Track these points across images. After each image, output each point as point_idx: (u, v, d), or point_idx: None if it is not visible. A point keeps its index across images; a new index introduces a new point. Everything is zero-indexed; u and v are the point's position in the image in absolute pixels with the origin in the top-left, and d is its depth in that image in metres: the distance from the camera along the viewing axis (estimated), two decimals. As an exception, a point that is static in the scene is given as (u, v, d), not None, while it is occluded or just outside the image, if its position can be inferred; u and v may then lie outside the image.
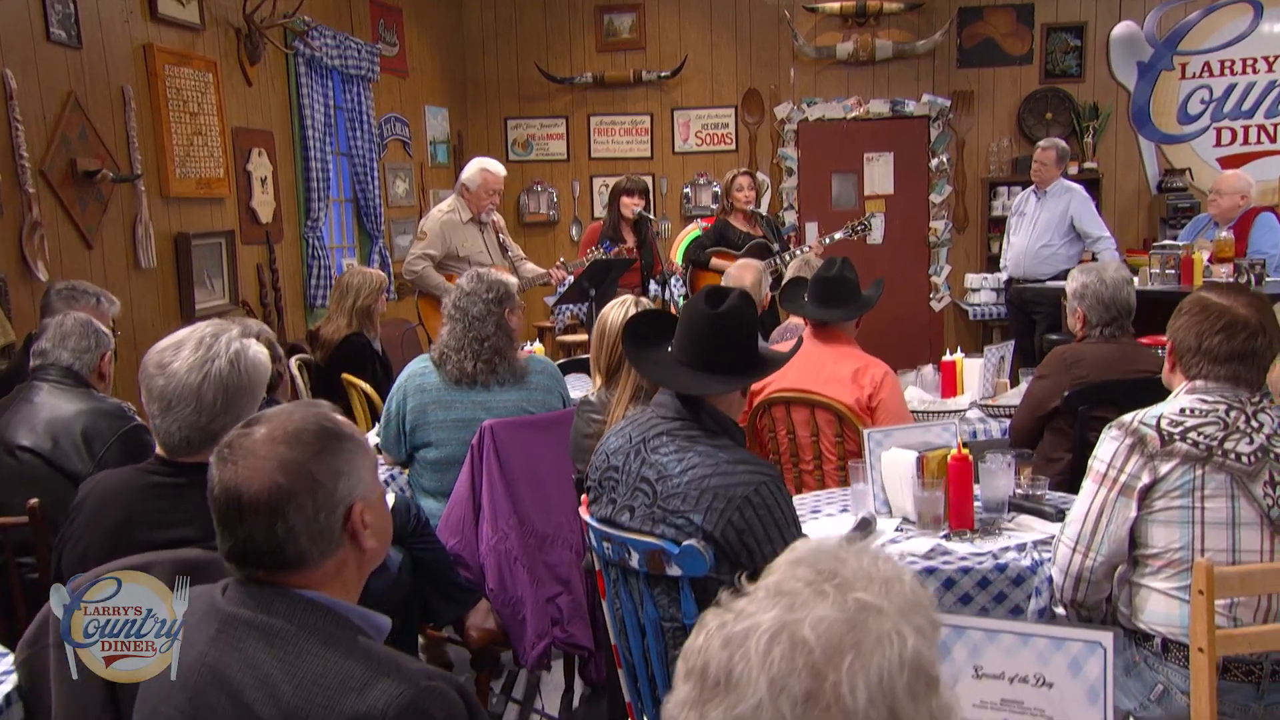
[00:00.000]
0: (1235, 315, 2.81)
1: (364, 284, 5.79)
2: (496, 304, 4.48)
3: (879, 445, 3.51)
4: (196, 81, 6.19)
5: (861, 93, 10.21)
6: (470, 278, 4.45)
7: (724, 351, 2.75)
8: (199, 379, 2.56)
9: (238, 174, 6.66)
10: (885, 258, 10.28)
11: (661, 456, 2.73)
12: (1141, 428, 2.80)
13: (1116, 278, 4.39)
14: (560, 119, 10.57)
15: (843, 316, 4.44)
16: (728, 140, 10.39)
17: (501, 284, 4.50)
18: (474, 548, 4.18)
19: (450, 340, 4.40)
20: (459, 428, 4.34)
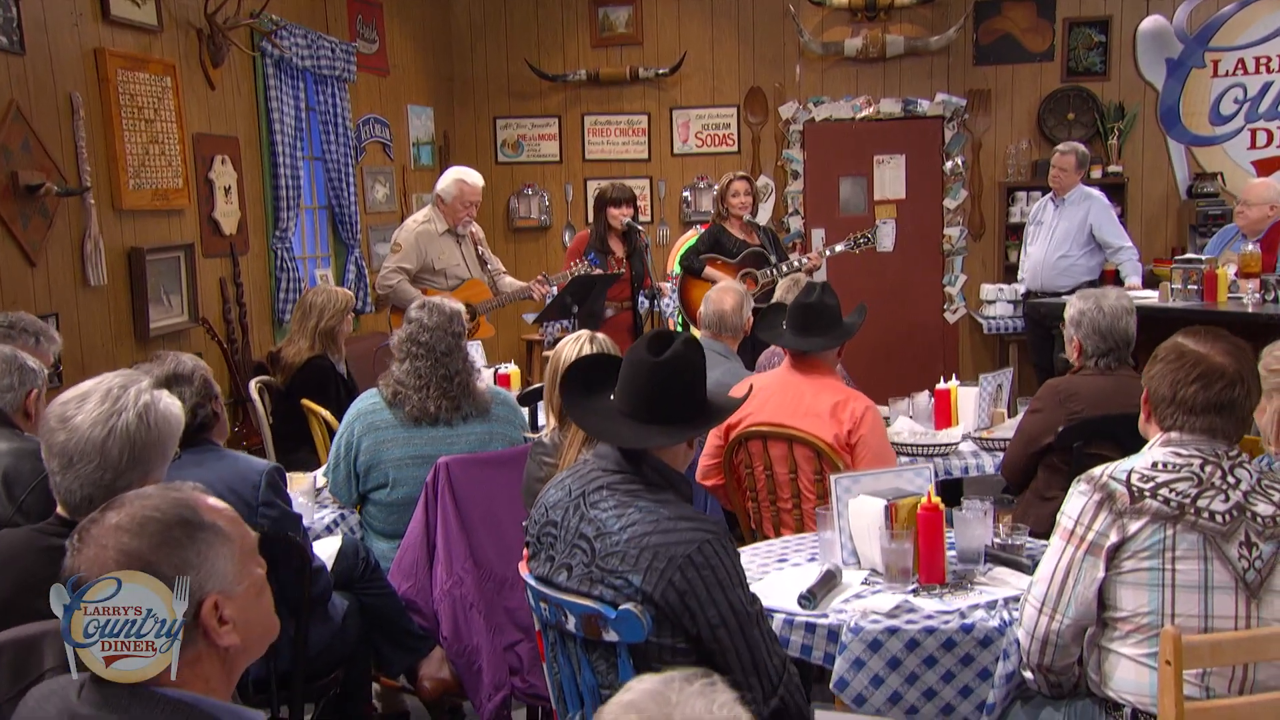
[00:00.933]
0: (1212, 364, 2.80)
1: (328, 304, 5.80)
2: (459, 336, 4.50)
3: (847, 491, 3.50)
4: (153, 86, 6.22)
5: (871, 91, 10.20)
6: (429, 310, 4.46)
7: (666, 401, 2.74)
8: (103, 434, 2.56)
9: (198, 183, 6.68)
10: (896, 266, 10.27)
11: (601, 512, 2.73)
12: (1110, 483, 2.78)
13: (1116, 306, 4.38)
14: (552, 118, 10.58)
15: (823, 346, 4.44)
16: (729, 141, 10.38)
17: (459, 312, 4.53)
18: (428, 593, 4.19)
19: (409, 379, 4.40)
20: (418, 465, 4.35)
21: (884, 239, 10.26)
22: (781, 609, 3.21)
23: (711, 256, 7.74)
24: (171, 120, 6.38)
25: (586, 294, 6.82)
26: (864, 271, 10.09)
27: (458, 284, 7.12)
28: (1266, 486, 2.77)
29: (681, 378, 2.75)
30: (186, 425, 3.46)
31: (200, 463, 3.46)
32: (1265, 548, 2.70)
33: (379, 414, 4.41)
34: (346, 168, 8.32)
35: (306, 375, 5.71)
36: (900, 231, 10.29)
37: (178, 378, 3.51)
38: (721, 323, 5.23)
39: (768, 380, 4.58)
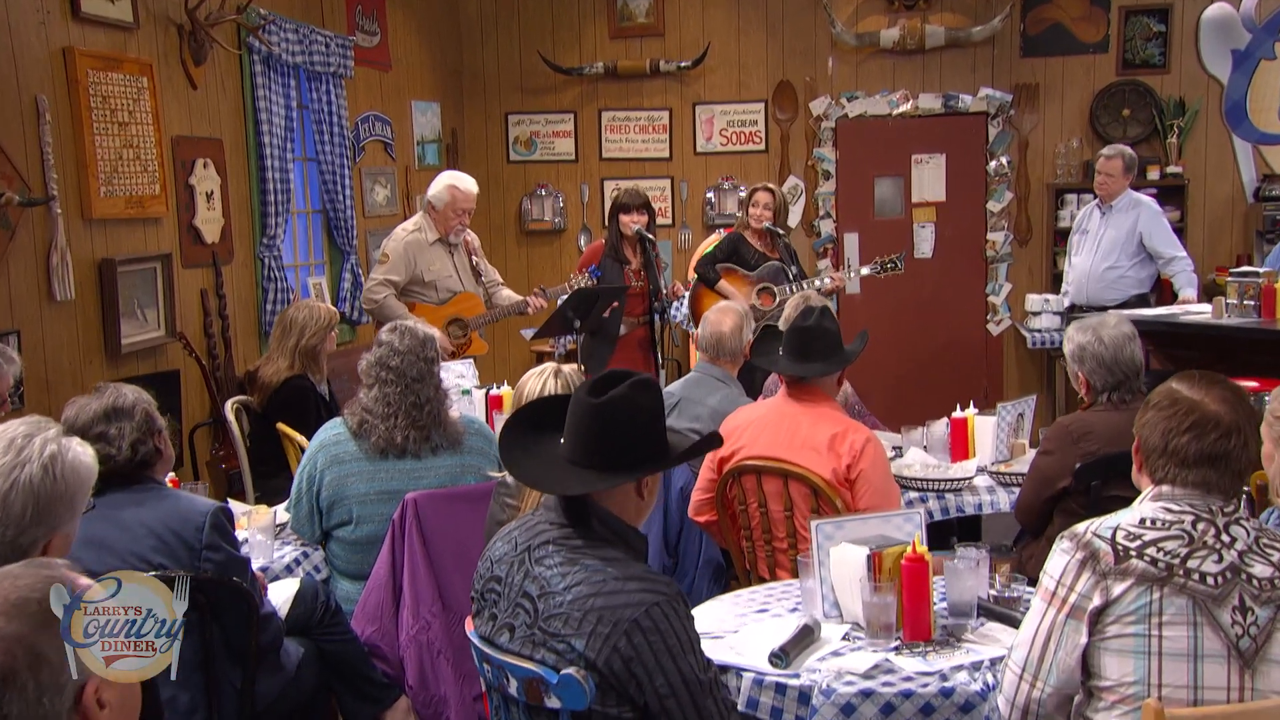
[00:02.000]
0: (1206, 412, 2.77)
1: (309, 321, 5.82)
2: (433, 361, 4.52)
3: (828, 539, 3.49)
4: (128, 87, 6.28)
5: (909, 86, 10.16)
6: (400, 333, 4.48)
7: (604, 446, 2.74)
8: (5, 487, 2.59)
9: (178, 189, 6.73)
10: (935, 274, 10.23)
11: (545, 569, 2.73)
12: (1094, 540, 2.76)
13: (1116, 335, 4.36)
14: (568, 114, 10.61)
15: (821, 371, 4.42)
16: (756, 139, 10.37)
17: (431, 336, 4.55)
18: (393, 638, 4.21)
19: (377, 407, 4.42)
20: (384, 501, 4.36)
21: (922, 244, 10.23)
22: (751, 667, 3.20)
23: (728, 267, 7.74)
24: (148, 123, 6.44)
25: (589, 308, 6.83)
26: (899, 279, 9.96)
27: (449, 297, 7.14)
28: (1265, 545, 2.73)
29: (623, 421, 2.74)
30: (126, 461, 3.52)
31: (140, 502, 3.49)
32: (1261, 613, 2.67)
33: (343, 445, 4.43)
34: (342, 169, 8.37)
35: (285, 397, 5.74)
36: (939, 237, 10.25)
37: (117, 411, 3.54)
38: (719, 346, 5.22)
39: (762, 410, 4.58)
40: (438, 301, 7.14)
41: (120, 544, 3.37)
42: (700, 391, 5.24)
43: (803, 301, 5.64)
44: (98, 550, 3.35)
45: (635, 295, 7.44)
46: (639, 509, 2.85)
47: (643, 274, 7.45)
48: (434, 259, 7.14)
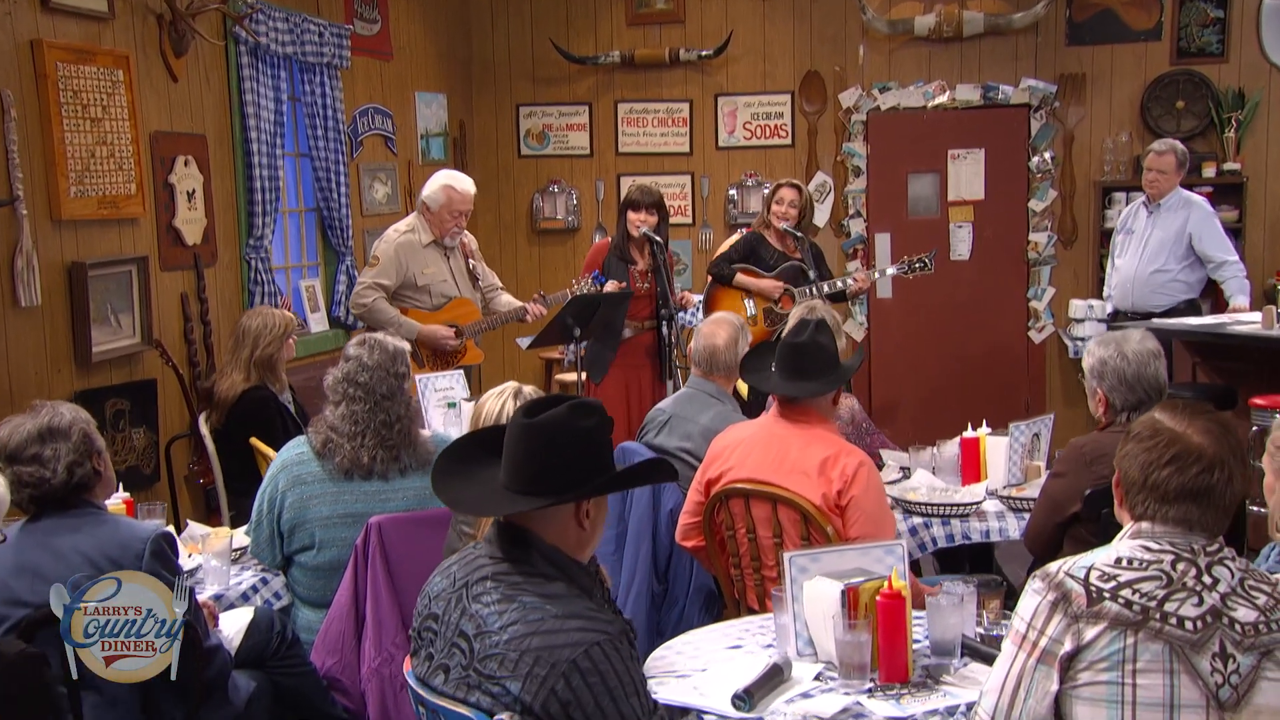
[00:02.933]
0: (1188, 444, 2.75)
1: (264, 328, 5.86)
2: (403, 377, 4.55)
3: (803, 572, 3.48)
4: (102, 81, 6.33)
5: (946, 76, 10.12)
6: (369, 347, 4.50)
7: (539, 469, 2.75)
8: None
9: (156, 188, 6.79)
10: (973, 277, 10.18)
11: (483, 606, 2.74)
12: (1067, 580, 2.74)
13: (1140, 350, 4.35)
14: (582, 106, 10.63)
15: (814, 391, 4.42)
16: (783, 133, 10.36)
17: (403, 352, 4.57)
18: (354, 670, 4.23)
19: (343, 425, 4.44)
20: (348, 524, 4.39)
21: (959, 246, 10.19)
22: (713, 710, 3.20)
23: (745, 266, 7.74)
24: (123, 118, 6.49)
25: (590, 315, 6.84)
26: (934, 283, 9.98)
27: (444, 302, 7.17)
28: (1250, 588, 2.71)
29: (558, 444, 2.75)
30: (62, 485, 3.55)
31: (77, 528, 3.52)
32: (1244, 660, 2.65)
33: (306, 465, 4.45)
34: (338, 165, 8.42)
35: (244, 410, 5.78)
36: (977, 237, 10.21)
37: (52, 432, 3.57)
38: (713, 361, 5.22)
39: (752, 430, 4.58)
40: (431, 307, 7.17)
41: (54, 572, 3.39)
42: (692, 408, 5.24)
43: (806, 312, 5.64)
44: (31, 579, 3.38)
45: (641, 297, 7.45)
46: (581, 540, 2.86)
47: (650, 276, 7.45)
48: (428, 262, 7.17)
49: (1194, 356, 7.73)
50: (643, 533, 5.04)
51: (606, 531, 5.19)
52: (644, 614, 4.99)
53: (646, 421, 5.40)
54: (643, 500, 5.03)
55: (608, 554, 5.24)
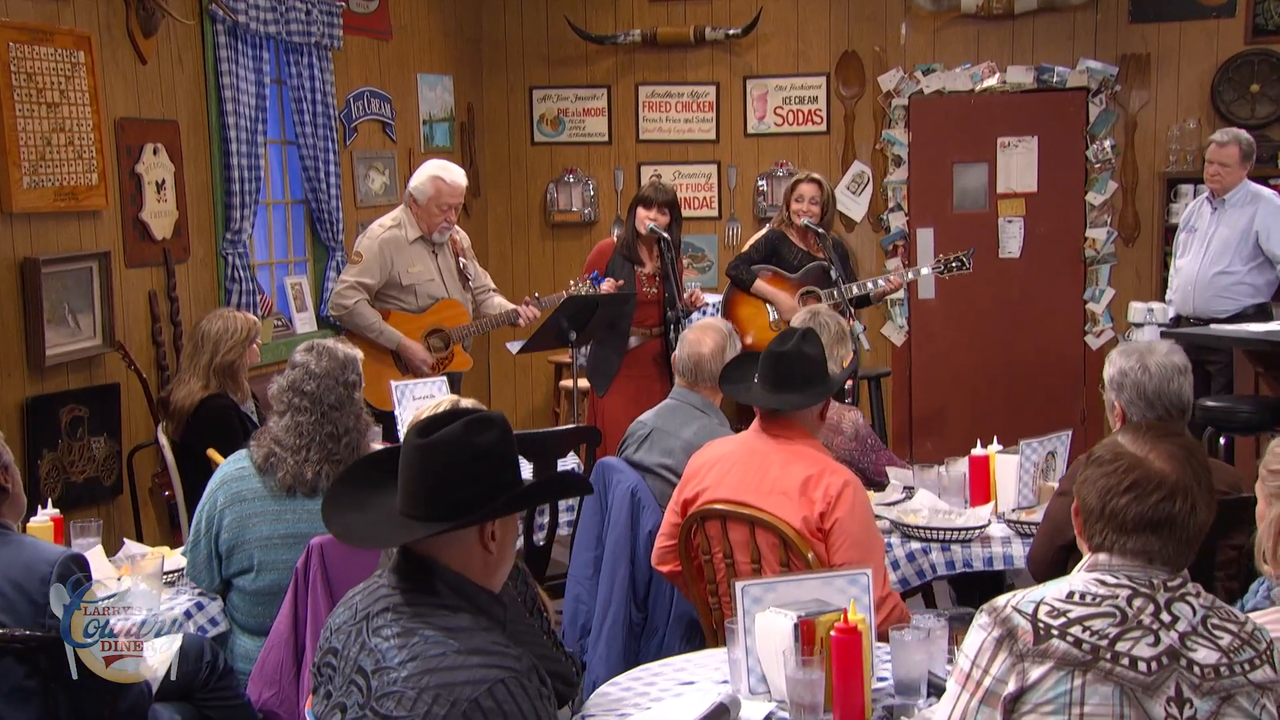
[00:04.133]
0: (1149, 470, 2.74)
1: (225, 333, 5.89)
2: (354, 386, 4.59)
3: (756, 603, 3.48)
4: (60, 63, 6.40)
5: (996, 57, 10.07)
6: (317, 353, 4.54)
7: (433, 492, 2.75)
8: None
9: (121, 178, 6.84)
10: (1024, 277, 10.14)
11: (382, 640, 2.74)
12: (1013, 616, 2.74)
13: (1165, 364, 4.34)
14: (600, 89, 10.67)
15: (798, 404, 4.42)
16: (817, 119, 10.36)
17: (354, 360, 4.60)
18: (293, 703, 4.25)
19: (288, 438, 4.48)
20: (289, 545, 4.42)
21: (1009, 242, 10.15)
22: (647, 756, 3.22)
23: (766, 269, 7.75)
24: (84, 103, 6.55)
25: (587, 318, 6.86)
26: (981, 283, 9.96)
27: (430, 303, 7.21)
28: (1213, 627, 2.70)
29: (453, 463, 2.76)
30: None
31: (-20, 549, 3.57)
32: (1202, 705, 2.63)
33: (246, 481, 4.49)
34: (327, 153, 8.46)
35: (202, 420, 5.81)
36: (1029, 233, 10.17)
37: (-45, 444, 3.62)
38: (698, 370, 5.22)
39: (731, 446, 4.58)
40: (417, 309, 7.21)
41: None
42: (675, 421, 5.24)
43: (808, 317, 5.65)
44: (-70, 603, 3.43)
45: (649, 302, 7.46)
46: (489, 566, 2.86)
47: (657, 280, 7.47)
48: (414, 260, 7.21)
49: (1256, 366, 7.66)
50: (620, 556, 5.05)
51: (585, 554, 5.26)
52: (620, 644, 5.00)
53: (627, 435, 5.41)
54: (620, 521, 5.05)
55: (584, 578, 5.27)
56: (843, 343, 5.57)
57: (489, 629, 2.78)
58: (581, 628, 5.23)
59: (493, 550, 2.85)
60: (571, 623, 5.32)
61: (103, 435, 6.65)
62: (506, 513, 2.84)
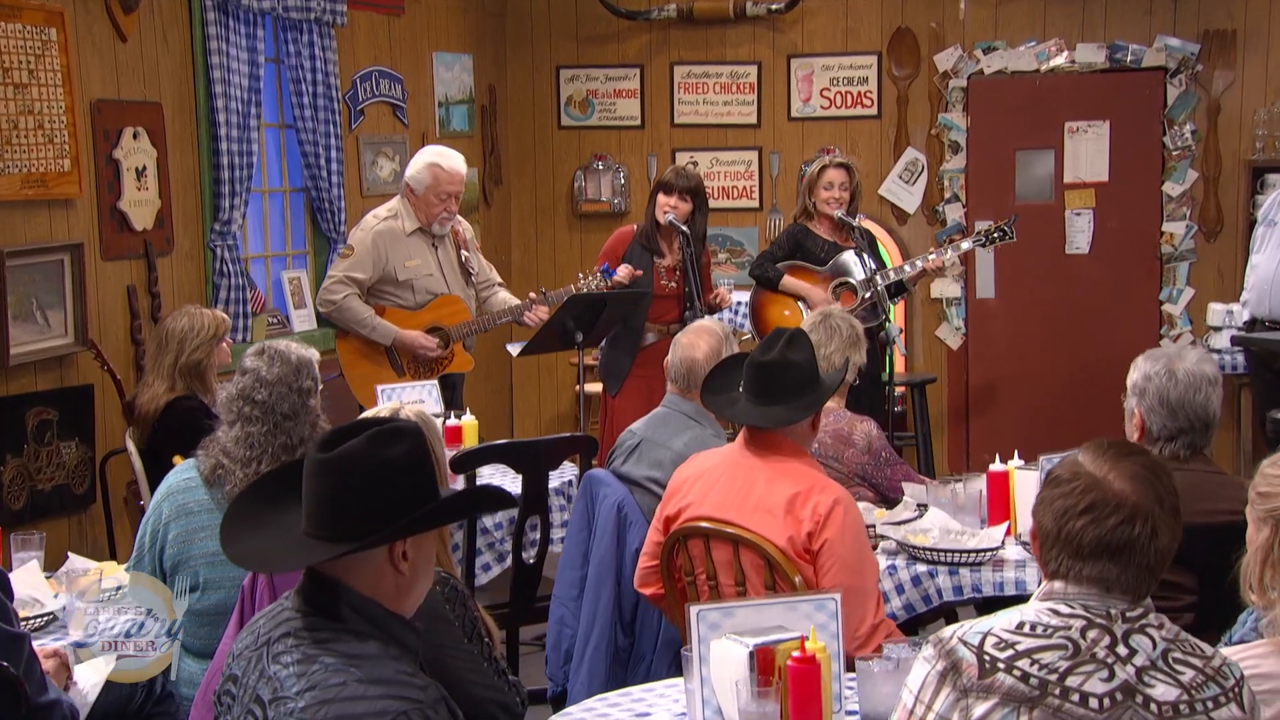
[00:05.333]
0: (1107, 490, 2.74)
1: (190, 331, 5.95)
2: (309, 393, 4.64)
3: (712, 629, 3.51)
4: (28, 41, 6.49)
5: (1065, 34, 10.03)
6: (269, 357, 4.59)
7: (337, 511, 2.77)
8: None
9: (97, 165, 6.95)
10: (1094, 274, 10.08)
11: (281, 668, 2.76)
12: (959, 648, 2.75)
13: (1193, 373, 4.34)
14: (633, 69, 10.71)
15: (784, 420, 4.43)
16: (866, 101, 10.35)
17: (309, 363, 4.66)
18: (238, 728, 4.32)
19: (236, 449, 4.53)
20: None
21: (1077, 237, 10.11)
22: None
23: (793, 265, 7.77)
24: (56, 84, 6.65)
25: (594, 317, 6.90)
26: (1046, 281, 9.94)
27: (429, 300, 7.28)
28: (1175, 661, 2.70)
29: (357, 479, 2.77)
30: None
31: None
32: (1159, 746, 2.65)
33: (192, 494, 4.55)
34: (328, 138, 8.54)
35: (169, 424, 5.88)
36: (1100, 227, 10.10)
37: None
38: (691, 376, 5.24)
39: (715, 460, 4.60)
40: (415, 305, 7.28)
41: None
42: (665, 432, 5.28)
43: (821, 319, 5.67)
44: None
45: (667, 297, 7.51)
46: (401, 589, 2.87)
47: (677, 273, 7.50)
48: (411, 253, 7.27)
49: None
50: (604, 577, 5.09)
51: (570, 574, 5.31)
52: (604, 671, 5.03)
53: (616, 446, 5.45)
54: (605, 539, 5.09)
55: (569, 599, 5.32)
56: (856, 346, 5.59)
57: (398, 657, 2.79)
58: (565, 653, 5.27)
59: (405, 572, 2.85)
60: (554, 648, 5.36)
61: (74, 440, 6.76)
62: (414, 531, 2.84)
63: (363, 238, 7.23)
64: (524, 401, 11.00)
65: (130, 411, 6.16)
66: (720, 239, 10.43)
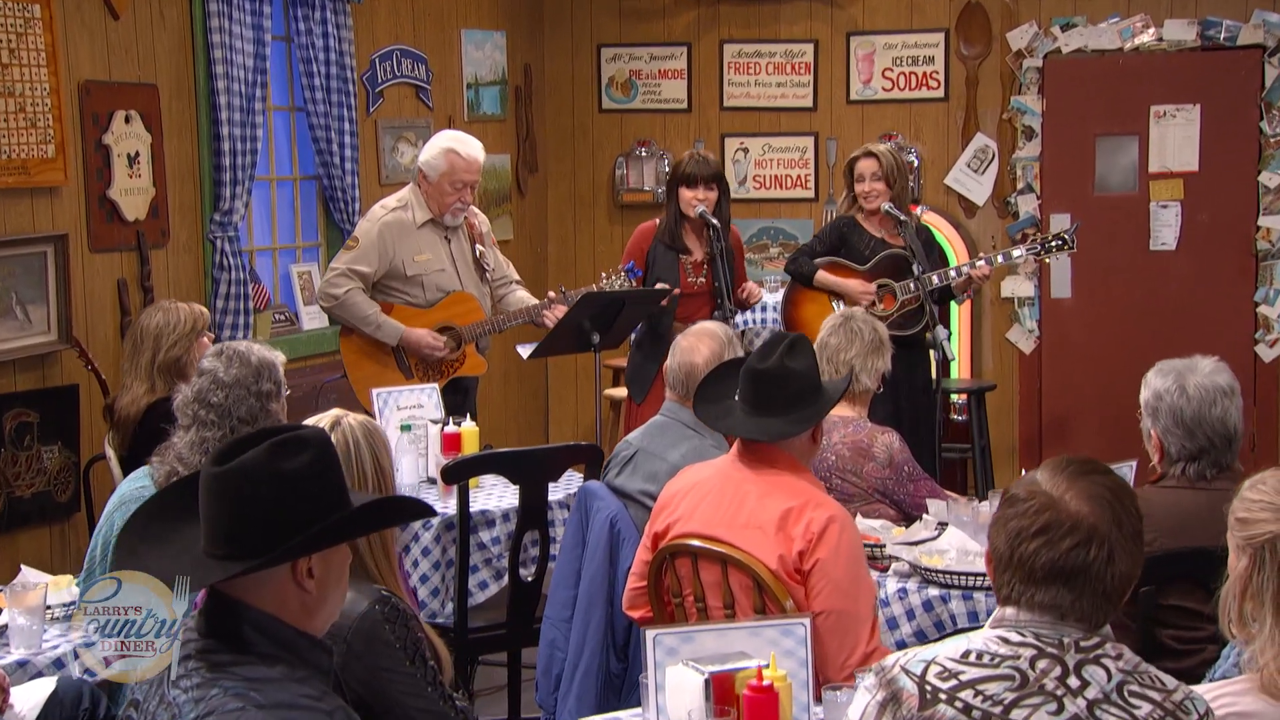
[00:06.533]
0: (1062, 511, 2.76)
1: (167, 327, 6.03)
2: (270, 397, 4.72)
3: (670, 655, 3.56)
4: (10, 19, 6.61)
5: (1151, 9, 9.96)
6: (227, 358, 4.68)
7: (234, 528, 2.81)
8: None
9: (85, 151, 7.07)
10: (1181, 272, 10.01)
11: (180, 693, 2.79)
12: (900, 677, 2.79)
13: (1206, 385, 4.34)
14: (679, 47, 10.75)
15: (780, 433, 4.47)
16: (933, 83, 10.35)
17: (271, 365, 4.74)
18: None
19: (191, 455, 4.60)
20: (188, 578, 4.57)
21: (1162, 231, 10.05)
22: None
23: (834, 261, 7.77)
24: (39, 64, 6.77)
25: (613, 317, 6.95)
26: (1129, 279, 9.89)
27: (440, 297, 7.33)
28: (1131, 695, 2.72)
29: (254, 493, 2.81)
30: None
31: None
32: (1109, 784, 2.67)
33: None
34: (342, 122, 8.63)
35: (151, 428, 5.92)
36: (1188, 221, 10.03)
37: None
38: (689, 383, 5.25)
39: (707, 472, 4.63)
40: (425, 303, 7.33)
41: None
42: (662, 442, 5.31)
43: (840, 322, 5.69)
44: None
45: (697, 295, 7.54)
46: (307, 607, 2.91)
47: (706, 268, 7.55)
48: (421, 246, 7.32)
49: None
50: (595, 597, 5.14)
51: (562, 593, 5.37)
52: (594, 698, 5.08)
53: (612, 456, 5.51)
54: (597, 556, 5.14)
55: (561, 620, 5.37)
56: (879, 352, 5.61)
57: (304, 679, 2.83)
58: (556, 679, 5.33)
59: (310, 590, 2.88)
60: (545, 673, 5.42)
61: (56, 444, 6.87)
62: (315, 548, 2.88)
63: (368, 229, 7.30)
64: (561, 406, 11.06)
65: (110, 415, 6.25)
66: (772, 232, 10.47)
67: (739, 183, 10.50)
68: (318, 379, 8.06)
